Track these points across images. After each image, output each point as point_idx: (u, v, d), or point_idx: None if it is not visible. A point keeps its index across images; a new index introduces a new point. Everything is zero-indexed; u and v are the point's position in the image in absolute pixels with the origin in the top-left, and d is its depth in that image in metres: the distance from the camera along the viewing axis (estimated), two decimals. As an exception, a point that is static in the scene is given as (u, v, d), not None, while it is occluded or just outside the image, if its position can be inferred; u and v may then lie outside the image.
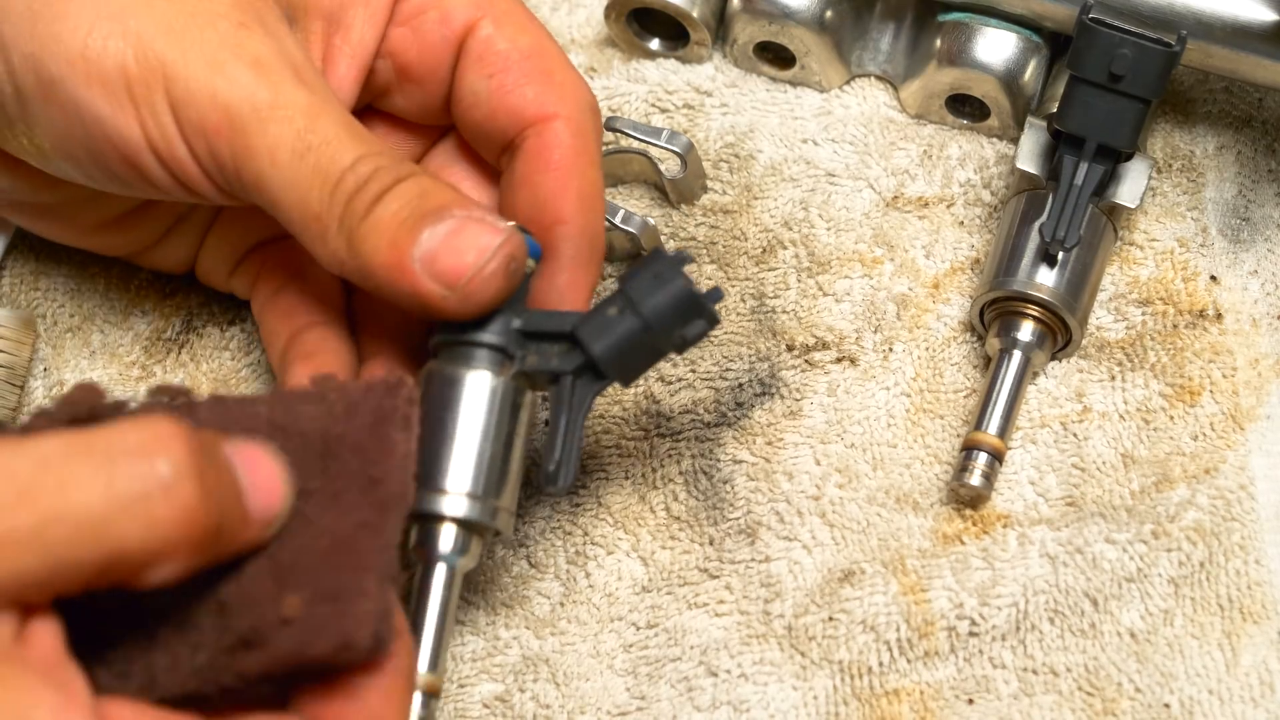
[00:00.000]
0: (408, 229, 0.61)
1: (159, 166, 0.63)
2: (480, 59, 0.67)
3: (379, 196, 0.61)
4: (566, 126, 0.67)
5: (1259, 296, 0.74)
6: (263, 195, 0.62)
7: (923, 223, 0.76)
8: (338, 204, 0.61)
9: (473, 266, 0.61)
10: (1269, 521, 0.70)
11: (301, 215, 0.62)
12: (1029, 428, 0.72)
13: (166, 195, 0.64)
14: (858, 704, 0.68)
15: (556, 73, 0.67)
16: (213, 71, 0.61)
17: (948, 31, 0.76)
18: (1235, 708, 0.67)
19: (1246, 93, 0.78)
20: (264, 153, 0.61)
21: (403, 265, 0.61)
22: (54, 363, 0.75)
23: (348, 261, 0.62)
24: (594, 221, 0.67)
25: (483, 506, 0.62)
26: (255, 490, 0.56)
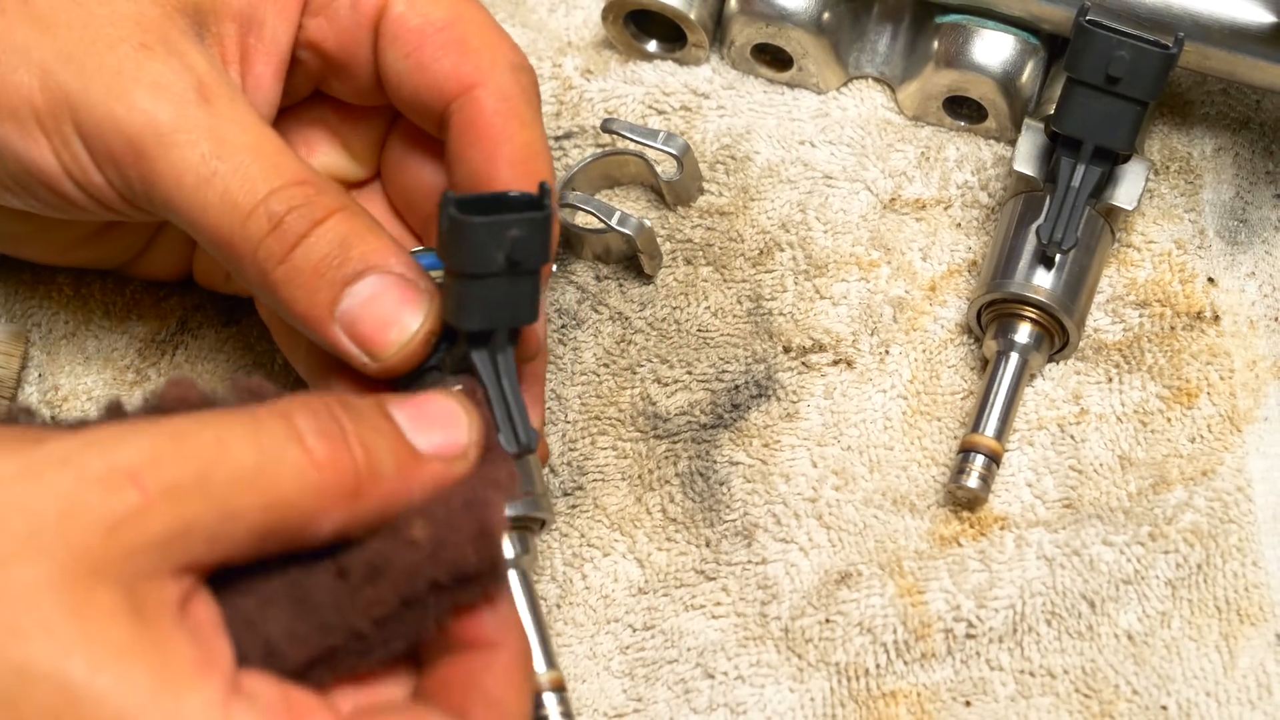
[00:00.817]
0: (328, 284, 0.61)
1: (80, 193, 0.63)
2: (395, 38, 0.66)
3: (296, 242, 0.61)
4: (487, 94, 0.65)
5: (1256, 298, 0.74)
6: (177, 217, 0.62)
7: (920, 225, 0.76)
8: (250, 239, 0.61)
9: (395, 343, 0.61)
10: (1266, 524, 0.70)
11: (214, 239, 0.61)
12: (1026, 430, 0.72)
13: (98, 218, 0.64)
14: (855, 706, 0.68)
15: (472, 39, 0.65)
16: (113, 98, 0.61)
17: (945, 33, 0.76)
18: (1233, 710, 0.67)
19: (1244, 94, 0.78)
20: (170, 177, 0.61)
21: (322, 321, 0.61)
22: (48, 369, 0.75)
23: (263, 294, 0.62)
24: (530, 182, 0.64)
25: (525, 500, 0.62)
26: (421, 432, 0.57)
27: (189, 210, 0.61)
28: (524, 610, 0.62)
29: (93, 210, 0.64)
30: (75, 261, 0.73)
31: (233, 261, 0.62)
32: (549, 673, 0.62)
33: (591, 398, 0.74)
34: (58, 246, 0.72)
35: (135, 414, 0.56)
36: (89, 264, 0.74)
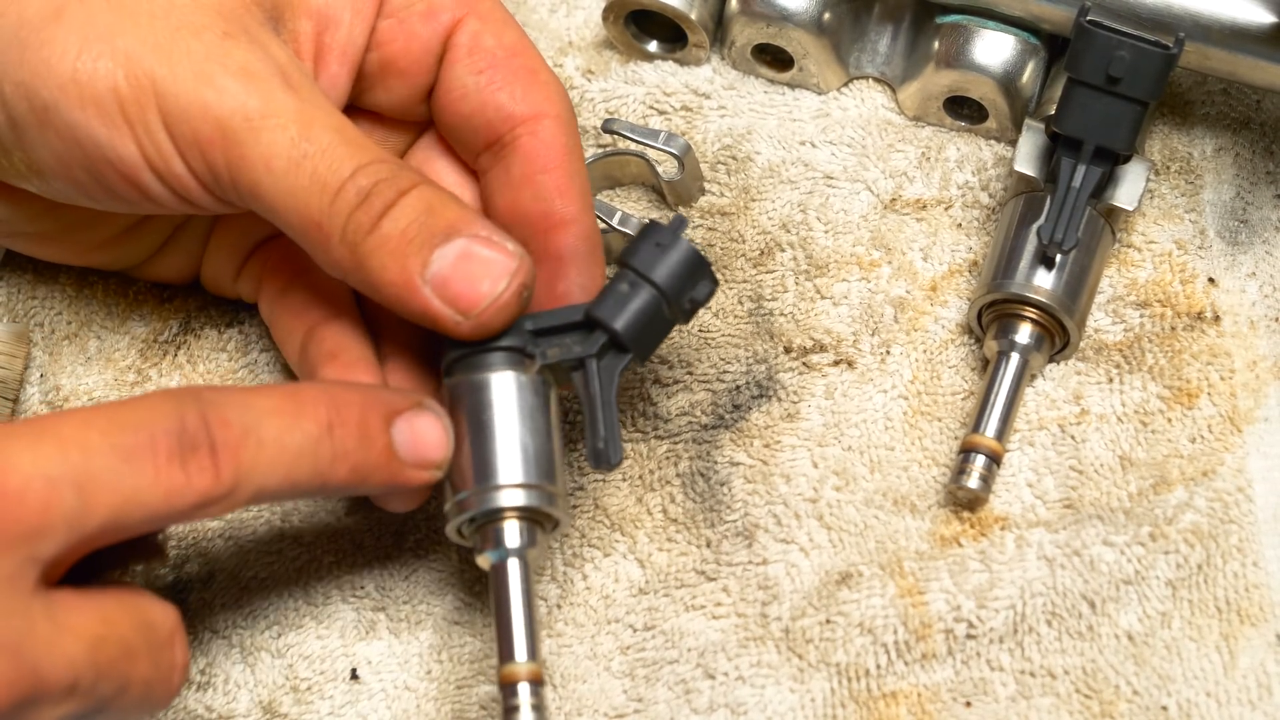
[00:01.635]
0: (416, 248, 0.61)
1: (158, 183, 0.63)
2: (470, 54, 0.67)
3: (384, 211, 0.61)
4: (557, 125, 0.67)
5: (1257, 299, 0.74)
6: (261, 204, 0.62)
7: (920, 225, 0.76)
8: (339, 215, 0.61)
9: (488, 296, 0.61)
10: (1267, 524, 0.70)
11: (301, 223, 0.62)
12: (1027, 430, 0.72)
13: (168, 209, 0.65)
14: (855, 706, 0.68)
15: (540, 72, 0.68)
16: (201, 84, 0.62)
17: (946, 34, 0.76)
18: (1233, 710, 0.67)
19: (1245, 95, 0.78)
20: (259, 162, 0.61)
21: (411, 285, 0.61)
22: (50, 369, 0.75)
23: (352, 273, 0.62)
24: (594, 220, 0.68)
25: (540, 493, 0.62)
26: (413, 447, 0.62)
27: (276, 194, 0.62)
28: (517, 600, 0.62)
29: (162, 201, 0.64)
30: (91, 263, 0.74)
31: (319, 242, 0.62)
32: (528, 664, 0.62)
33: (592, 398, 0.74)
34: (80, 248, 0.72)
35: None
36: (103, 265, 0.74)
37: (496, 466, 0.62)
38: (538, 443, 0.63)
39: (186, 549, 0.72)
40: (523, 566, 0.63)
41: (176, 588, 0.71)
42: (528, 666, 0.62)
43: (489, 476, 0.62)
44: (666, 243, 0.63)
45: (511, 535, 0.63)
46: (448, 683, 0.69)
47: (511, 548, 0.63)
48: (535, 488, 0.62)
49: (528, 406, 0.63)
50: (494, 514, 0.63)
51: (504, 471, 0.62)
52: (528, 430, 0.62)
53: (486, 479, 0.62)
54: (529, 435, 0.62)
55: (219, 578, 0.71)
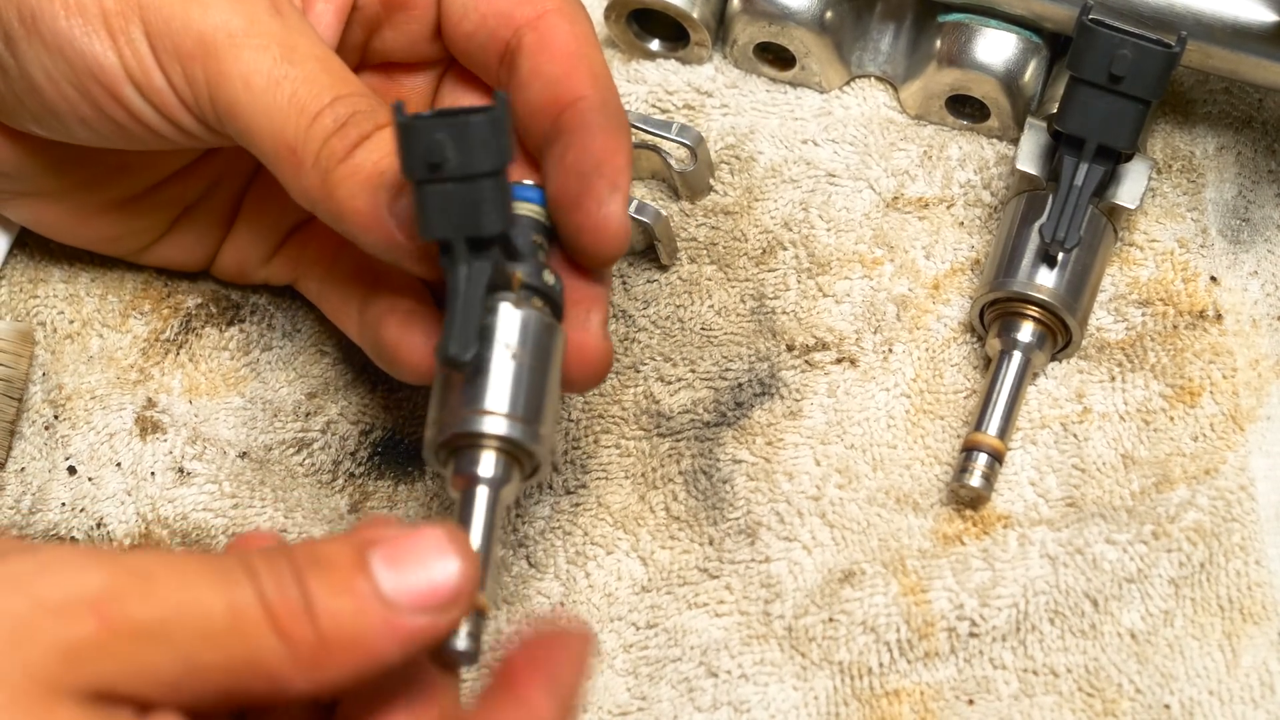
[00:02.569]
0: (388, 181, 0.60)
1: (138, 96, 0.63)
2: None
3: (359, 141, 0.61)
4: (560, 16, 0.65)
5: (1259, 297, 0.74)
6: (237, 123, 0.62)
7: (923, 223, 0.76)
8: (314, 140, 0.61)
9: None
10: (1269, 522, 0.70)
11: (274, 145, 0.61)
12: (1029, 428, 0.72)
13: (154, 132, 0.64)
14: (858, 705, 0.68)
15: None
16: (188, 1, 0.62)
17: (948, 32, 0.76)
18: (1235, 709, 0.67)
19: (1247, 93, 0.78)
20: (238, 79, 0.61)
21: (378, 216, 0.60)
22: (53, 368, 0.75)
23: (320, 201, 0.61)
24: (614, 98, 0.65)
25: (524, 428, 0.60)
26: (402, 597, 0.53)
27: (253, 113, 0.61)
28: (477, 529, 0.60)
29: (148, 120, 0.64)
30: (97, 237, 0.73)
31: (291, 166, 0.61)
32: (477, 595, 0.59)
33: (595, 396, 0.74)
34: (82, 213, 0.71)
35: None
36: (109, 242, 0.73)
37: (484, 393, 0.60)
38: (532, 380, 0.61)
39: (191, 546, 0.72)
40: (491, 497, 0.60)
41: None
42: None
43: (475, 401, 0.60)
44: (396, 136, 0.58)
45: (486, 464, 0.60)
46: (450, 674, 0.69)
47: (484, 476, 0.60)
48: (520, 420, 0.60)
49: (529, 343, 0.61)
50: (472, 438, 0.60)
51: (490, 399, 0.60)
52: (523, 366, 0.61)
53: (472, 403, 0.60)
54: (524, 371, 0.61)
55: (222, 575, 0.71)
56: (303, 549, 0.53)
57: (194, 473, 0.73)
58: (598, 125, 0.63)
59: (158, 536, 0.72)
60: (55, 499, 0.73)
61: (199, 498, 0.72)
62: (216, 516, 0.72)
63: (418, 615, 0.52)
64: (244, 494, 0.72)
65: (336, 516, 0.72)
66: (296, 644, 0.51)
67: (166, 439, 0.73)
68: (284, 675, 0.51)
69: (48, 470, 0.73)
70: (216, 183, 0.72)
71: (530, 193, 0.64)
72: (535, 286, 0.62)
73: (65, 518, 0.72)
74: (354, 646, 0.52)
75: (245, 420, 0.74)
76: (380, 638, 0.52)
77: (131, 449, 0.73)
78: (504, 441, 0.60)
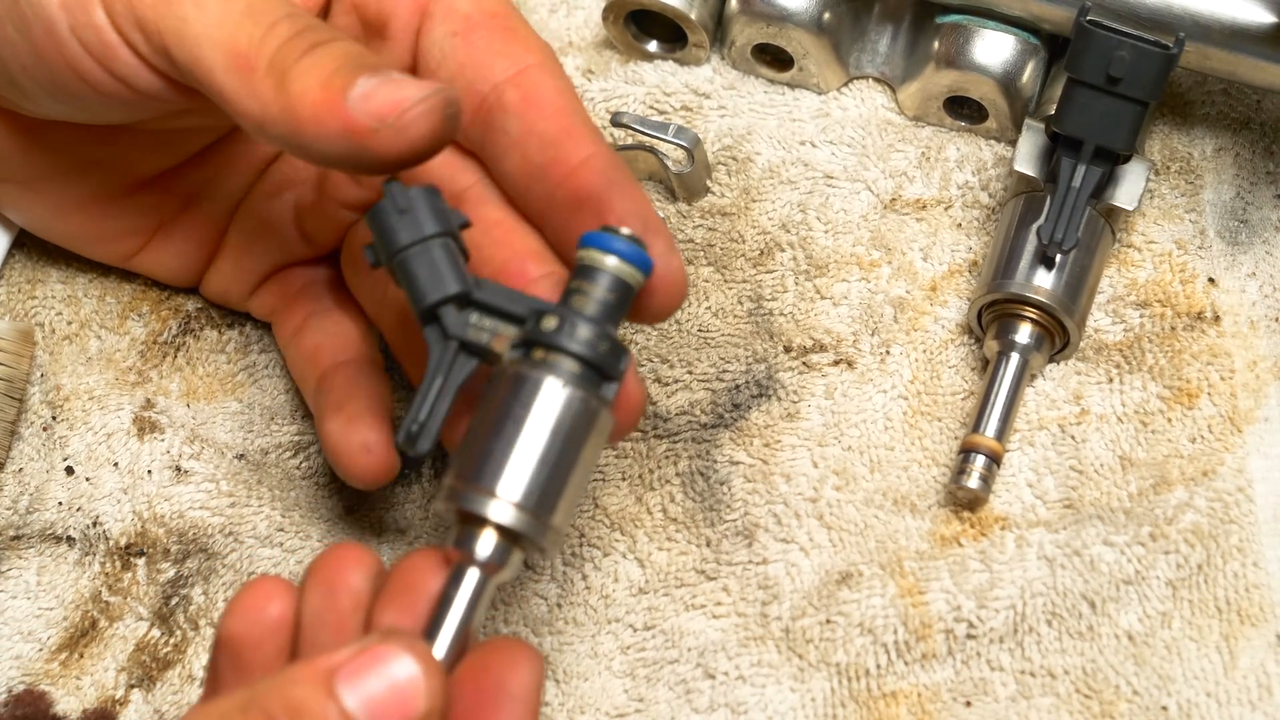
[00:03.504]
0: (344, 74, 0.58)
1: (73, 37, 0.61)
2: (445, 18, 0.65)
3: (314, 46, 0.59)
4: (542, 71, 0.64)
5: (1257, 299, 0.74)
6: (184, 43, 0.60)
7: (920, 225, 0.76)
8: (269, 46, 0.59)
9: (410, 100, 0.58)
10: (1267, 524, 0.70)
11: (226, 56, 0.59)
12: (1027, 430, 0.72)
13: (85, 83, 0.63)
14: (855, 706, 0.68)
15: (519, 29, 0.65)
16: None
17: (946, 33, 0.76)
18: (1233, 710, 0.67)
19: (1245, 95, 0.78)
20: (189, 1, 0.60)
21: (334, 103, 0.58)
22: (51, 369, 0.75)
23: (272, 104, 0.59)
24: (610, 149, 0.63)
25: (533, 521, 0.58)
26: None
27: (204, 27, 0.60)
28: (458, 607, 0.58)
29: (83, 71, 0.62)
30: (72, 235, 0.73)
31: (241, 75, 0.59)
32: None
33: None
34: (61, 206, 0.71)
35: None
36: (87, 242, 0.73)
37: (501, 473, 0.57)
38: (557, 466, 0.58)
39: (188, 545, 0.72)
40: (480, 580, 0.58)
41: (178, 583, 0.71)
42: None
43: (490, 480, 0.58)
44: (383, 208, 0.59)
45: (484, 546, 0.58)
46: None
47: (479, 558, 0.58)
48: (529, 513, 0.58)
49: (567, 427, 0.58)
50: (476, 518, 0.58)
51: (506, 482, 0.58)
52: (554, 451, 0.58)
53: (486, 480, 0.58)
54: (552, 454, 0.58)
55: (221, 573, 0.71)
56: (273, 695, 0.53)
57: (191, 472, 0.73)
58: (618, 183, 0.62)
59: (154, 535, 0.72)
60: (52, 498, 0.73)
61: (196, 496, 0.72)
62: (213, 515, 0.72)
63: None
64: (241, 493, 0.72)
65: (335, 516, 0.72)
66: None
67: (164, 439, 0.73)
68: None
69: (45, 470, 0.73)
70: (193, 200, 0.72)
71: (622, 245, 0.60)
72: (586, 358, 0.59)
73: (62, 517, 0.72)
74: None
75: (242, 424, 0.74)
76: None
77: (129, 448, 0.73)
78: (507, 530, 0.58)
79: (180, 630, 0.71)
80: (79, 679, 0.70)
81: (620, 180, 0.62)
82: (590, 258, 0.59)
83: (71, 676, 0.70)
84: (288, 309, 0.72)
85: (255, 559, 0.71)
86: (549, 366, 0.58)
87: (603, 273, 0.59)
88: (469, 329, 0.59)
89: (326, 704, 0.53)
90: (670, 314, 0.62)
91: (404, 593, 0.58)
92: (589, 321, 0.59)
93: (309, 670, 0.54)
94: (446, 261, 0.59)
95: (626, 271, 0.60)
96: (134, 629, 0.71)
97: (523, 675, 0.56)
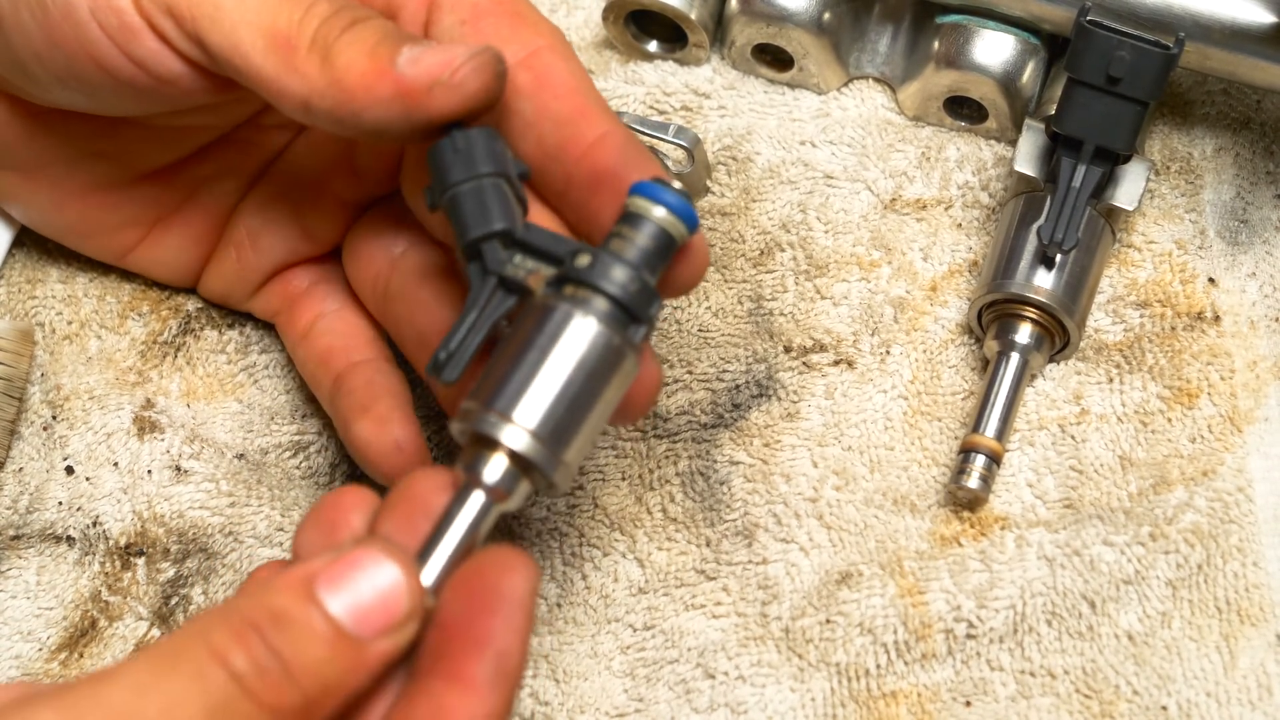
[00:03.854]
0: (388, 44, 0.59)
1: (91, 20, 0.61)
2: (453, 7, 0.64)
3: (354, 22, 0.60)
4: (553, 53, 0.63)
5: (1257, 299, 0.74)
6: (221, 29, 0.60)
7: (921, 225, 0.76)
8: (309, 24, 0.60)
9: (460, 58, 0.59)
10: (1267, 524, 0.70)
11: (267, 38, 0.60)
12: (1027, 430, 0.72)
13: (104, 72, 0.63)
14: (855, 706, 0.68)
15: (528, 15, 0.64)
16: None
17: (946, 34, 0.76)
18: (1233, 710, 0.67)
19: (1245, 95, 0.78)
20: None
21: (383, 70, 0.59)
22: (51, 368, 0.75)
23: (318, 79, 0.59)
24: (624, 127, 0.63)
25: (546, 451, 0.57)
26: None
27: (241, 11, 0.60)
28: (458, 530, 0.57)
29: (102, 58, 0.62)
30: (69, 227, 0.73)
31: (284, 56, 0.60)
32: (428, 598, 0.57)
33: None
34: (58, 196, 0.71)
35: None
36: (83, 236, 0.73)
37: (519, 400, 0.57)
38: (577, 403, 0.58)
39: (188, 544, 0.72)
40: (485, 504, 0.57)
41: (177, 583, 0.71)
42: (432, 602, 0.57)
43: (506, 405, 0.57)
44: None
45: (493, 470, 0.57)
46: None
47: (487, 482, 0.57)
48: (543, 442, 0.57)
49: (591, 363, 0.58)
50: (488, 441, 0.57)
51: (523, 408, 0.57)
52: (575, 385, 0.57)
53: (502, 405, 0.57)
54: (572, 390, 0.57)
55: (221, 573, 0.71)
56: (255, 605, 0.53)
57: (191, 471, 0.73)
58: (634, 158, 0.62)
59: (154, 535, 0.72)
60: (52, 498, 0.73)
61: (195, 496, 0.72)
62: (213, 515, 0.72)
63: (381, 641, 0.53)
64: (241, 493, 0.72)
65: (333, 517, 0.72)
66: (284, 713, 0.52)
67: (164, 438, 0.73)
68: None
69: (45, 470, 0.73)
70: (194, 194, 0.72)
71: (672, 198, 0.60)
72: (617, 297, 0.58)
73: (61, 516, 0.72)
74: (334, 691, 0.53)
75: (242, 424, 0.74)
76: (354, 674, 0.53)
77: (129, 448, 0.73)
78: (520, 457, 0.57)
79: (180, 630, 0.71)
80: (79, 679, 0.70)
81: (636, 155, 0.62)
82: (638, 206, 0.60)
83: (71, 676, 0.70)
84: (293, 310, 0.72)
85: (255, 559, 0.71)
86: (579, 302, 0.58)
87: (648, 221, 0.59)
88: (507, 265, 0.59)
89: (309, 609, 0.53)
90: (693, 286, 0.62)
91: (405, 507, 0.57)
92: (625, 264, 0.59)
93: (288, 578, 0.53)
94: (496, 199, 0.60)
95: (671, 223, 0.60)
96: (134, 629, 0.71)
97: (517, 579, 0.55)
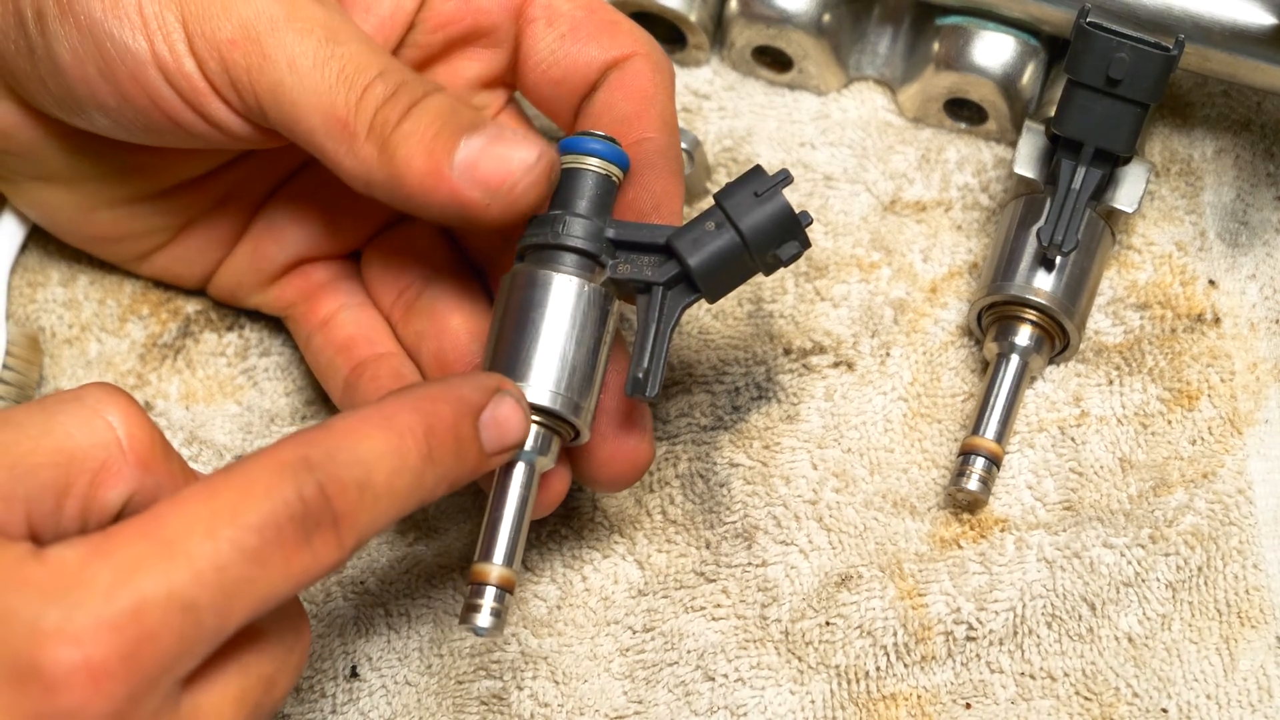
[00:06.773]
0: (445, 138, 0.61)
1: (164, 83, 0.63)
2: (549, 22, 0.68)
3: (410, 106, 0.61)
4: (645, 62, 0.67)
5: (1257, 300, 0.74)
6: (280, 106, 0.62)
7: (920, 227, 0.76)
8: (366, 110, 0.61)
9: (518, 171, 0.61)
10: (1267, 526, 0.70)
11: (325, 121, 0.62)
12: (1026, 432, 0.72)
13: (172, 123, 0.64)
14: (855, 709, 0.68)
15: (622, 23, 0.68)
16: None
17: (945, 35, 0.76)
18: (1233, 712, 0.67)
19: (1245, 96, 0.78)
20: (282, 61, 0.62)
21: (440, 173, 0.61)
22: (51, 373, 0.75)
23: (377, 171, 0.62)
24: (676, 144, 0.66)
25: (567, 400, 0.61)
26: None
27: (300, 92, 0.62)
28: (512, 503, 0.61)
29: (169, 110, 0.63)
30: (97, 237, 0.73)
31: (344, 141, 0.62)
32: (502, 568, 0.61)
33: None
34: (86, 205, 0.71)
35: None
36: (110, 243, 0.73)
37: (531, 366, 0.62)
38: (579, 354, 0.62)
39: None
40: (528, 472, 0.62)
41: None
42: (500, 571, 0.61)
43: (521, 375, 0.61)
44: (765, 195, 0.62)
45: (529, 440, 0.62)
46: (448, 677, 0.69)
47: (523, 450, 0.62)
48: (563, 395, 0.61)
49: (582, 316, 0.62)
50: None
51: (536, 373, 0.61)
52: (573, 340, 0.62)
53: (518, 376, 0.61)
54: (573, 345, 0.62)
55: (217, 578, 0.71)
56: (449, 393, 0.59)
57: (189, 475, 0.73)
58: (660, 168, 0.65)
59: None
60: (51, 502, 0.72)
61: (193, 500, 0.72)
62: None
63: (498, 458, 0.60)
64: (240, 497, 0.72)
65: (333, 520, 0.72)
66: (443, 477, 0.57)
67: (162, 442, 0.73)
68: None
69: (44, 473, 0.73)
70: (227, 197, 0.72)
71: (598, 145, 0.64)
72: (590, 253, 0.63)
73: (60, 520, 0.72)
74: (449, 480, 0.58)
75: (241, 426, 0.74)
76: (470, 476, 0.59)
77: (127, 452, 0.73)
78: (546, 416, 0.62)
79: (179, 632, 0.71)
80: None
81: (661, 165, 0.65)
82: (572, 161, 0.64)
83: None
84: (311, 302, 0.72)
85: (254, 561, 0.71)
86: (553, 260, 0.63)
87: (586, 172, 0.64)
88: (620, 268, 0.63)
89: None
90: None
91: None
92: (580, 217, 0.63)
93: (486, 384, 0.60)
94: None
95: (606, 168, 0.64)
96: (133, 631, 0.71)
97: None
